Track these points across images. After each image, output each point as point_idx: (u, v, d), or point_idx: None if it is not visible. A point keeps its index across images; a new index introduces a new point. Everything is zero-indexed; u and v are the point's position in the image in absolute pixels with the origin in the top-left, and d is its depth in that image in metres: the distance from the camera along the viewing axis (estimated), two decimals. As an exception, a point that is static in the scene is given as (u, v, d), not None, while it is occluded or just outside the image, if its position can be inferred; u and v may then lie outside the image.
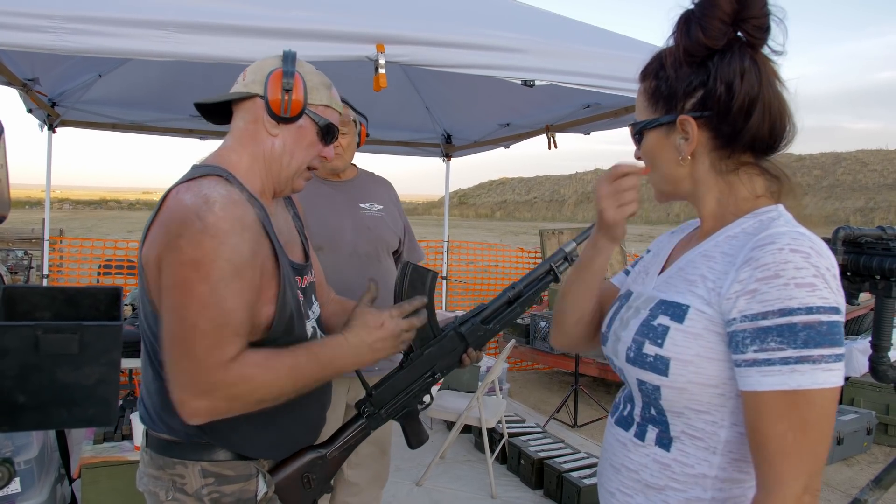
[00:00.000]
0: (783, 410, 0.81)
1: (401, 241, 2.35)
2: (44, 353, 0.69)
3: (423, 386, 1.44)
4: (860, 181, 38.24)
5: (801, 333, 0.80)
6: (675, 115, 0.95)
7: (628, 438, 1.00)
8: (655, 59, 1.00)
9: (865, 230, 1.61)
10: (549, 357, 5.34)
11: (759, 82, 0.92)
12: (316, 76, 1.33)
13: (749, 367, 0.84)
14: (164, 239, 1.14)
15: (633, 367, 0.96)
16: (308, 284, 1.39)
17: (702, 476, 0.92)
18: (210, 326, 1.11)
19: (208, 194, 1.13)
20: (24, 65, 3.09)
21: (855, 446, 4.26)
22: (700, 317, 0.90)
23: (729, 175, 0.97)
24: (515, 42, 2.39)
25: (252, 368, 1.16)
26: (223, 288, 1.11)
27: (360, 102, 2.57)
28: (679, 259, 1.02)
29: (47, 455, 2.50)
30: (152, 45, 1.91)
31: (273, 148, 1.29)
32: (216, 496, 1.24)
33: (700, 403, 0.91)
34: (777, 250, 0.83)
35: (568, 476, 3.26)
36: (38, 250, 6.38)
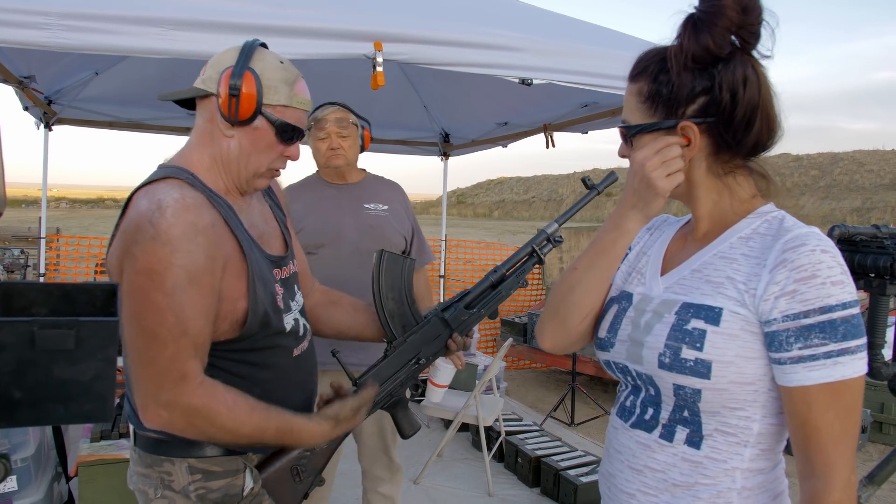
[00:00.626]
0: (829, 401, 0.87)
1: (407, 241, 2.36)
2: (40, 348, 0.69)
3: (409, 373, 1.44)
4: (857, 181, 38.31)
5: (841, 328, 0.86)
6: (676, 121, 0.95)
7: (652, 440, 1.00)
8: (651, 59, 0.99)
9: (860, 228, 1.62)
10: (547, 356, 5.35)
11: (759, 90, 0.94)
12: (277, 72, 1.24)
13: (795, 363, 0.88)
14: (122, 247, 1.13)
15: (670, 373, 0.96)
16: (289, 275, 1.37)
17: (733, 469, 0.95)
18: (168, 335, 1.11)
19: (161, 199, 1.12)
20: (19, 62, 3.08)
21: (851, 445, 4.27)
22: (735, 318, 0.92)
23: (726, 177, 0.99)
24: (513, 41, 2.39)
25: (219, 406, 1.16)
26: (179, 295, 1.11)
27: (358, 101, 2.57)
28: (689, 260, 1.02)
29: (44, 453, 2.49)
30: (149, 42, 1.91)
31: (229, 150, 1.24)
32: (202, 492, 1.24)
33: (736, 401, 0.94)
34: (810, 251, 0.88)
35: (565, 474, 3.27)
36: (34, 249, 6.36)
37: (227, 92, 1.19)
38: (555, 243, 1.36)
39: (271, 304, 1.26)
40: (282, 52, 2.04)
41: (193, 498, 1.24)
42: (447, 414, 3.58)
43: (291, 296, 1.37)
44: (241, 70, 1.19)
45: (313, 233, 2.20)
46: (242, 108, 1.19)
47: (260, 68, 1.21)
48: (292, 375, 1.34)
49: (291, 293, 1.37)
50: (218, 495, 1.25)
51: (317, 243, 2.19)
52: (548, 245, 1.36)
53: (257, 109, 1.21)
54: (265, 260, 1.29)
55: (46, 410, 0.71)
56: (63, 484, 2.62)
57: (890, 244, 1.57)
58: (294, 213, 2.25)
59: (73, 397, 0.71)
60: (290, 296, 1.36)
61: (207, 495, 1.25)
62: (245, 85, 1.19)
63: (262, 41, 1.28)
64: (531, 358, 5.76)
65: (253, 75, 1.20)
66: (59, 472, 2.61)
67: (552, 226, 1.35)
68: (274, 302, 1.28)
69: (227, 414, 1.17)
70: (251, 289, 1.21)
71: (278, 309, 1.29)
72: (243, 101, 1.19)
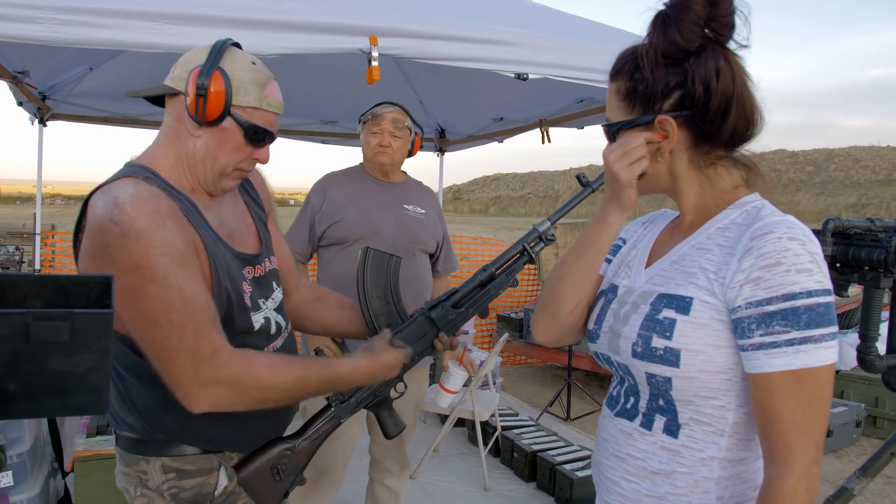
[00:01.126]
0: (791, 388, 0.87)
1: (438, 245, 2.42)
2: (35, 340, 0.68)
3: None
4: (852, 177, 38.41)
5: (804, 316, 0.86)
6: (653, 115, 0.97)
7: (634, 428, 1.02)
8: (627, 58, 1.01)
9: (854, 222, 1.63)
10: (543, 351, 5.36)
11: (733, 80, 0.95)
12: (247, 73, 1.20)
13: (756, 350, 0.88)
14: (93, 252, 1.12)
15: (642, 362, 0.98)
16: (263, 273, 1.35)
17: (710, 458, 0.95)
18: (183, 318, 1.10)
19: (116, 197, 1.10)
20: (13, 57, 3.07)
21: (844, 439, 4.30)
22: (705, 307, 0.93)
23: (707, 169, 1.00)
24: (509, 35, 2.39)
25: (259, 367, 1.17)
26: (173, 279, 1.10)
27: (354, 96, 2.57)
28: (670, 252, 1.04)
29: (40, 449, 2.49)
30: (143, 36, 1.90)
31: (195, 149, 1.22)
32: (175, 491, 1.24)
33: (709, 390, 0.95)
34: (776, 239, 0.88)
35: (561, 468, 3.28)
36: (29, 245, 6.35)
37: (194, 91, 1.16)
38: (547, 241, 1.33)
39: (237, 302, 1.24)
40: (277, 46, 2.06)
41: (167, 497, 1.25)
42: (443, 409, 3.58)
43: (265, 294, 1.34)
44: (209, 69, 1.16)
45: (353, 225, 2.24)
46: (210, 108, 1.17)
47: (230, 69, 1.19)
48: None
49: (265, 291, 1.34)
50: (190, 494, 1.25)
51: (355, 236, 2.23)
52: (539, 243, 1.33)
53: (225, 110, 1.18)
54: (234, 258, 1.27)
55: (41, 403, 0.71)
56: (59, 479, 2.62)
57: (884, 237, 1.57)
58: (335, 201, 2.27)
59: (68, 389, 0.71)
60: (264, 294, 1.33)
61: (180, 494, 1.25)
62: (213, 85, 1.16)
63: (234, 41, 1.25)
64: (527, 353, 5.78)
65: (222, 75, 1.17)
66: (55, 468, 2.60)
67: (544, 224, 1.33)
68: (240, 300, 1.25)
69: (269, 373, 1.17)
70: (214, 284, 1.19)
71: (244, 307, 1.26)
72: (211, 101, 1.16)
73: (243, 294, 1.27)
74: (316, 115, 4.74)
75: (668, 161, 1.00)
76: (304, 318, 1.56)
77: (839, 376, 4.77)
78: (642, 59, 0.97)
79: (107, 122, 4.48)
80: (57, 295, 0.75)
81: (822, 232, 1.63)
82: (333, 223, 2.25)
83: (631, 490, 1.01)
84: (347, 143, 5.18)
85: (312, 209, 2.31)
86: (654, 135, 0.98)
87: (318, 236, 2.30)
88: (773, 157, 42.21)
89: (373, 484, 2.44)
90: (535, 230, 1.33)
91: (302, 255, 2.32)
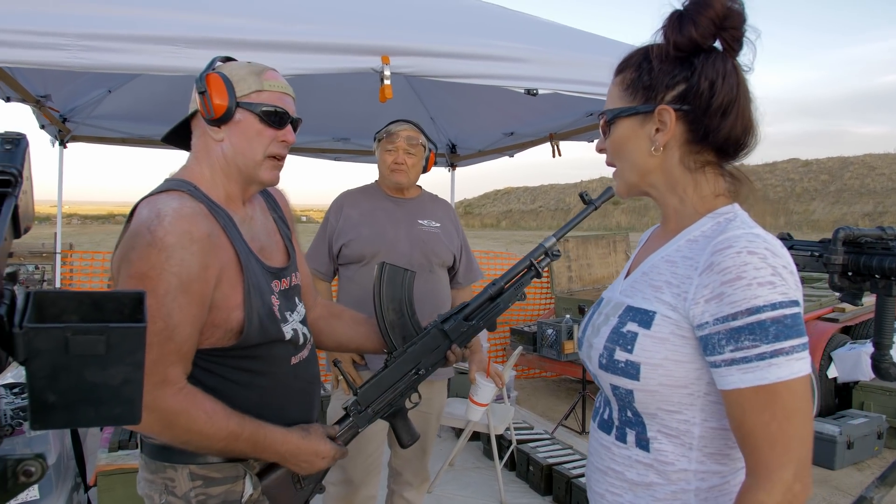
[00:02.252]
0: (765, 403, 0.86)
1: (456, 258, 2.43)
2: (73, 354, 0.72)
3: (408, 384, 1.47)
4: (868, 185, 38.02)
5: (771, 329, 0.85)
6: (654, 105, 0.98)
7: (611, 441, 1.04)
8: (635, 54, 1.03)
9: (865, 230, 1.63)
10: (557, 364, 5.35)
11: (738, 86, 0.97)
12: (242, 68, 1.29)
13: (728, 366, 0.88)
14: (121, 253, 1.18)
15: (606, 373, 1.00)
16: (290, 287, 1.40)
17: (683, 471, 0.96)
18: (154, 339, 1.12)
19: (160, 209, 1.16)
20: (36, 82, 3.16)
21: (865, 450, 4.24)
22: (666, 322, 0.94)
23: (695, 172, 1.00)
24: (518, 52, 2.43)
25: (198, 412, 1.18)
26: (170, 302, 1.13)
27: (366, 114, 2.61)
28: (643, 263, 1.05)
29: (64, 463, 2.53)
30: (164, 60, 1.96)
31: (224, 153, 1.29)
32: (202, 498, 1.27)
33: (671, 404, 0.95)
34: (735, 254, 0.88)
35: (577, 482, 3.27)
36: (49, 264, 6.44)
37: (199, 95, 1.26)
38: (552, 257, 1.39)
39: (268, 314, 1.28)
40: (291, 67, 2.11)
41: (194, 503, 1.27)
42: (459, 423, 3.59)
43: (291, 307, 1.39)
44: (204, 73, 1.26)
45: (367, 243, 2.27)
46: (216, 102, 1.24)
47: (227, 70, 1.28)
48: (291, 383, 1.37)
49: (291, 304, 1.39)
50: (217, 501, 1.28)
51: (370, 254, 2.26)
52: (545, 259, 1.39)
53: (231, 104, 1.25)
54: (263, 271, 1.31)
55: (78, 413, 0.74)
56: (82, 493, 2.65)
57: (895, 245, 1.58)
58: (350, 219, 2.31)
59: (104, 401, 0.74)
60: (289, 307, 1.38)
61: (207, 501, 1.27)
62: (211, 80, 1.25)
63: (229, 56, 1.35)
64: (541, 367, 5.76)
65: (218, 74, 1.26)
66: (79, 482, 2.64)
67: (550, 240, 1.38)
68: (271, 312, 1.30)
69: (206, 419, 1.19)
70: (246, 299, 1.24)
71: (275, 318, 1.31)
72: (214, 95, 1.24)
73: (273, 307, 1.31)
74: (328, 133, 4.81)
75: (660, 157, 1.00)
76: (319, 334, 1.60)
77: (859, 387, 4.71)
78: (653, 51, 0.99)
79: (125, 142, 4.57)
80: (92, 310, 0.79)
81: (832, 241, 1.64)
82: (348, 241, 2.29)
83: (615, 502, 1.02)
84: (360, 159, 5.24)
85: (331, 227, 2.35)
86: (651, 127, 0.99)
87: (336, 254, 2.34)
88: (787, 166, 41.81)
89: (392, 497, 2.45)
90: (541, 246, 1.39)
91: (324, 275, 2.35)
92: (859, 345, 5.10)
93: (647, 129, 1.00)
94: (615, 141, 1.04)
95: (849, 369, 4.70)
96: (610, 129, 1.04)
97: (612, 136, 1.04)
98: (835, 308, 5.25)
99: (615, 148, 1.04)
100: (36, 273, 6.75)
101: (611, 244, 7.15)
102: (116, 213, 68.23)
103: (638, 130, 1.01)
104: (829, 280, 1.68)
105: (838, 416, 4.45)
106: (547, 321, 5.48)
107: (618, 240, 7.30)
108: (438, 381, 2.40)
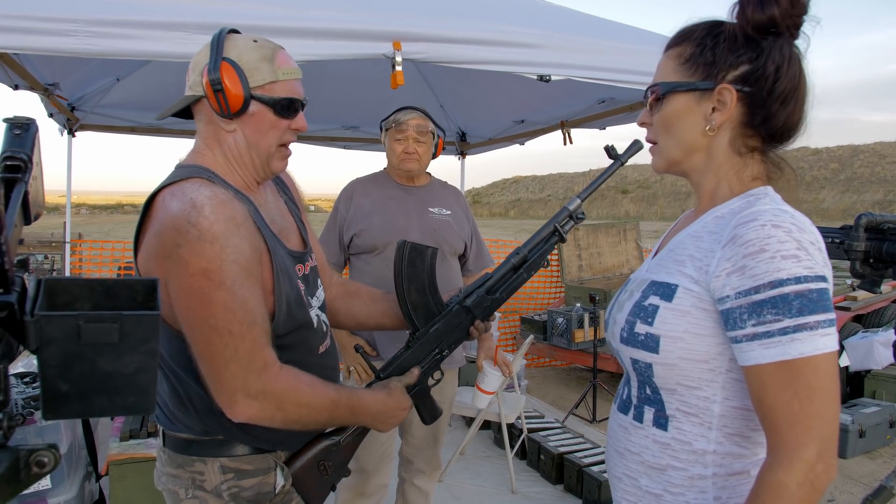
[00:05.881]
0: (787, 379, 0.83)
1: (467, 245, 2.42)
2: (85, 342, 0.70)
3: (431, 363, 1.44)
4: (878, 173, 37.67)
5: (795, 302, 0.82)
6: (714, 83, 0.95)
7: (628, 422, 1.03)
8: (697, 27, 0.99)
9: (888, 216, 1.60)
10: (567, 353, 5.34)
11: (800, 73, 0.94)
12: (253, 52, 1.21)
13: (750, 341, 0.85)
14: (161, 250, 1.12)
15: (627, 347, 0.99)
16: (310, 270, 1.38)
17: (701, 452, 0.94)
18: (243, 329, 1.12)
19: (194, 198, 1.11)
20: (44, 70, 3.14)
21: (878, 439, 4.21)
22: (688, 294, 0.92)
23: (743, 156, 0.98)
24: (531, 37, 2.39)
25: (302, 385, 1.20)
26: (239, 289, 1.12)
27: (376, 101, 2.58)
28: (670, 241, 1.04)
29: (75, 452, 2.54)
30: (174, 46, 1.94)
31: (236, 144, 1.25)
32: (235, 491, 1.25)
33: (691, 379, 0.93)
34: (759, 226, 0.86)
35: (588, 470, 3.27)
36: (58, 254, 6.47)
37: (211, 89, 1.18)
38: (577, 220, 1.32)
39: (296, 300, 1.27)
40: (302, 53, 2.08)
41: (226, 497, 1.25)
42: (469, 412, 3.58)
43: (313, 292, 1.38)
44: (216, 64, 1.18)
45: (379, 233, 2.26)
46: (231, 100, 1.19)
47: (236, 55, 1.20)
48: (318, 372, 1.34)
49: (313, 289, 1.38)
50: (251, 493, 1.27)
51: (382, 243, 2.25)
52: (570, 222, 1.33)
53: (246, 96, 1.19)
54: (287, 255, 1.29)
55: (92, 402, 0.72)
56: (93, 482, 2.67)
57: (918, 233, 1.55)
58: (361, 208, 2.30)
59: (117, 389, 0.73)
60: (312, 292, 1.37)
61: (241, 494, 1.26)
62: (225, 76, 1.18)
63: (231, 28, 1.26)
64: (551, 356, 5.75)
65: (230, 64, 1.18)
66: (90, 471, 2.65)
67: (574, 201, 1.31)
68: (299, 297, 1.28)
69: (310, 391, 1.20)
70: (276, 284, 1.22)
71: (302, 304, 1.29)
72: (230, 93, 1.18)
73: (300, 291, 1.30)
74: (338, 121, 4.79)
75: (710, 138, 0.97)
76: (336, 314, 1.58)
77: (871, 375, 4.68)
78: (722, 27, 0.96)
79: (133, 131, 4.56)
80: (105, 298, 0.77)
81: (854, 227, 1.61)
82: (359, 231, 2.27)
83: (632, 486, 1.01)
84: (369, 147, 5.22)
85: (341, 217, 2.34)
86: (708, 106, 0.96)
87: (347, 244, 2.32)
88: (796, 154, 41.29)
89: (403, 485, 2.45)
90: (565, 209, 1.32)
91: (336, 265, 2.34)
92: (871, 333, 5.05)
93: (703, 107, 0.97)
94: (665, 116, 1.00)
95: (861, 358, 4.67)
96: (661, 103, 1.00)
97: (662, 111, 1.00)
98: (846, 297, 5.21)
99: (664, 123, 1.01)
100: (45, 263, 6.78)
101: (621, 232, 7.10)
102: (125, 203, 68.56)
103: (694, 107, 0.97)
104: (850, 267, 1.65)
105: (850, 404, 4.43)
106: (557, 310, 5.46)
107: (628, 228, 7.25)
108: (449, 369, 2.39)
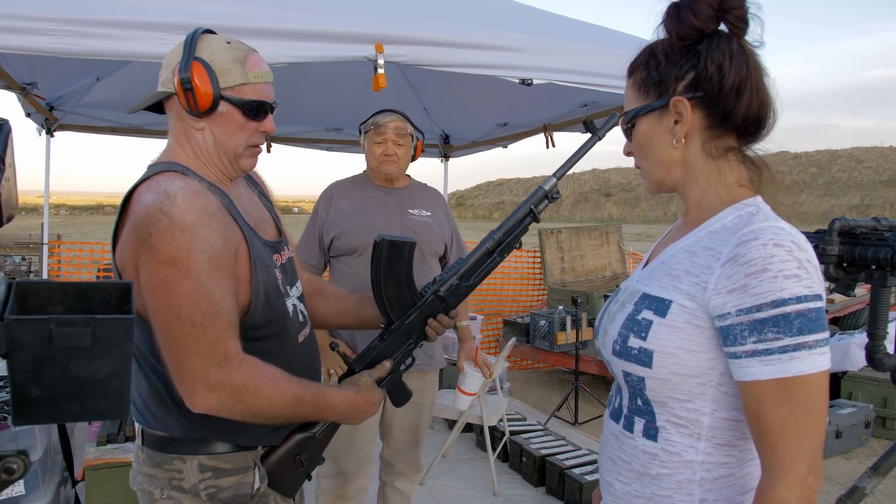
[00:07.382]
0: (784, 396, 0.85)
1: (447, 246, 2.42)
2: (57, 346, 0.69)
3: (404, 353, 1.44)
4: (856, 178, 38.30)
5: (796, 322, 0.85)
6: (667, 99, 0.98)
7: (619, 430, 1.05)
8: (642, 52, 1.03)
9: (860, 221, 1.63)
10: (550, 356, 5.36)
11: (747, 63, 0.96)
12: (225, 54, 1.22)
13: (749, 357, 0.87)
14: (135, 240, 1.13)
15: (619, 360, 1.00)
16: (287, 260, 1.39)
17: (689, 462, 0.96)
18: (205, 319, 1.12)
19: (168, 189, 1.13)
20: (22, 68, 3.10)
21: (853, 440, 4.28)
22: (682, 311, 0.94)
23: (718, 160, 1.00)
24: (513, 41, 2.40)
25: (263, 378, 1.18)
26: (206, 279, 1.12)
27: (359, 103, 2.57)
28: (662, 253, 1.05)
29: (51, 457, 2.50)
30: (153, 46, 1.92)
31: (205, 142, 1.26)
32: (213, 491, 1.24)
33: (682, 393, 0.95)
34: (761, 245, 0.87)
35: (570, 473, 3.28)
36: (36, 255, 6.38)
37: (181, 88, 1.19)
38: (551, 199, 1.31)
39: (273, 288, 1.27)
40: (284, 54, 2.07)
41: (203, 497, 1.24)
42: (451, 414, 3.58)
43: (291, 281, 1.38)
44: (187, 63, 1.19)
45: (359, 234, 2.25)
46: (201, 99, 1.20)
47: (208, 55, 1.21)
48: (299, 360, 1.35)
49: (291, 278, 1.38)
50: (228, 494, 1.25)
51: (362, 245, 2.24)
52: (544, 202, 1.32)
53: (216, 96, 1.20)
54: (264, 246, 1.30)
55: (63, 407, 0.72)
56: (69, 488, 2.63)
57: (890, 236, 1.57)
58: (340, 210, 2.30)
59: (90, 394, 0.72)
60: (290, 281, 1.37)
61: (218, 494, 1.25)
62: (196, 76, 1.19)
63: (206, 28, 1.28)
64: (534, 358, 5.77)
65: (201, 64, 1.20)
66: (66, 477, 2.61)
67: (549, 181, 1.30)
68: (276, 286, 1.29)
69: (271, 385, 1.19)
70: (253, 273, 1.22)
71: (280, 293, 1.30)
72: (199, 92, 1.19)
73: (277, 280, 1.30)
74: (320, 123, 4.77)
75: (682, 148, 1.00)
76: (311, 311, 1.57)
77: (847, 377, 4.75)
78: (657, 47, 0.99)
79: (114, 131, 4.51)
80: (78, 301, 0.76)
81: (828, 231, 1.63)
82: (339, 233, 2.27)
83: (623, 491, 1.03)
84: (352, 150, 5.21)
85: (321, 219, 2.33)
86: (670, 120, 0.98)
87: (327, 246, 2.32)
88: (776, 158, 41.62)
89: (384, 488, 2.44)
90: (540, 189, 1.31)
91: (315, 267, 2.33)
92: (848, 335, 5.13)
93: (665, 122, 0.99)
94: (638, 141, 1.04)
95: (837, 359, 4.74)
96: (632, 131, 1.04)
97: (635, 138, 1.04)
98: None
99: (640, 148, 1.04)
100: (23, 264, 6.67)
101: (603, 235, 7.14)
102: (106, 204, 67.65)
103: (657, 126, 1.00)
104: (823, 271, 1.68)
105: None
106: (540, 312, 5.48)
107: (610, 231, 7.29)
108: (430, 371, 2.39)
